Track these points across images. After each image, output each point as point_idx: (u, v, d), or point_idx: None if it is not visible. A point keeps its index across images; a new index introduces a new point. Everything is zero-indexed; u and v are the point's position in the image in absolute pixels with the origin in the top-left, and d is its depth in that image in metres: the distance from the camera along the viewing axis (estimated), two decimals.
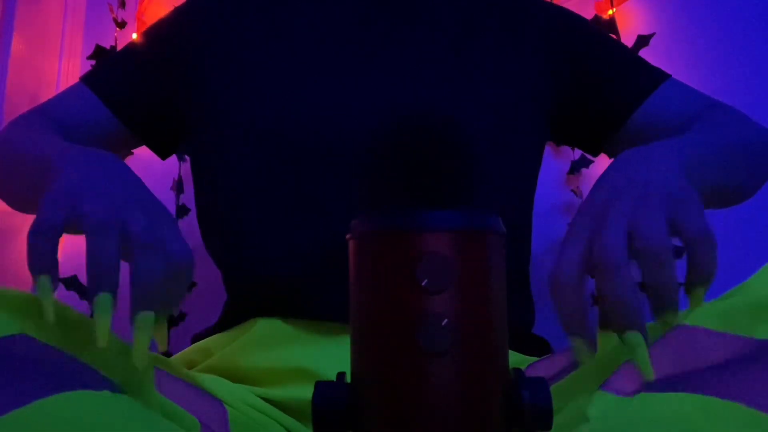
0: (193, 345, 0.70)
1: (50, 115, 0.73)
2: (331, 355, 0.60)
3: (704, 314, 0.44)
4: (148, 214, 0.45)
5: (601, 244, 0.42)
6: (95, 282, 0.41)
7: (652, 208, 0.44)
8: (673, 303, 0.42)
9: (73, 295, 1.13)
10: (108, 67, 0.77)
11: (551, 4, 0.81)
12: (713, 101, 0.75)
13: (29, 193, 0.62)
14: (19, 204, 0.70)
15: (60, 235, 0.42)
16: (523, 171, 0.75)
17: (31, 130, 0.67)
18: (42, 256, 0.41)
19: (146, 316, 0.42)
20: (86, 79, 0.76)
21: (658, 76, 0.75)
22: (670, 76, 0.76)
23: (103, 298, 0.41)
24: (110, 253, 0.41)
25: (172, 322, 1.17)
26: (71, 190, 0.44)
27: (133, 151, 1.26)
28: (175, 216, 1.24)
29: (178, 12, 0.78)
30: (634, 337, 0.41)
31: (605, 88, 0.75)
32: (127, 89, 0.74)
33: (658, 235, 0.42)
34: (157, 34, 0.77)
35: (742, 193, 0.70)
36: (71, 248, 1.24)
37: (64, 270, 1.23)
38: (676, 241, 0.47)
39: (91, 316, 0.43)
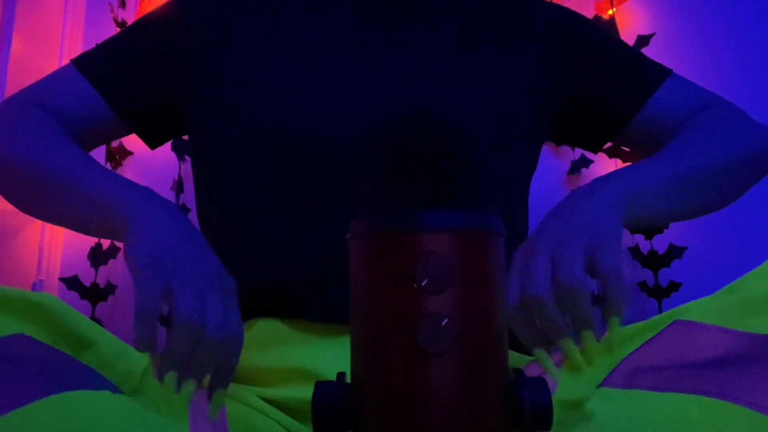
0: None
1: (43, 104, 0.71)
2: (330, 356, 0.60)
3: (700, 310, 0.45)
4: (222, 294, 0.50)
5: (528, 281, 0.49)
6: (172, 365, 0.46)
7: (570, 246, 0.50)
8: (588, 325, 0.48)
9: (74, 296, 1.13)
10: (103, 54, 0.75)
11: (552, 4, 0.81)
12: (713, 98, 0.75)
13: (53, 210, 0.65)
14: (28, 210, 0.70)
15: (159, 312, 0.48)
16: (522, 171, 0.75)
17: (42, 137, 0.66)
18: (148, 335, 0.46)
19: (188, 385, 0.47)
20: (78, 63, 0.73)
21: (660, 75, 0.75)
22: (672, 72, 0.75)
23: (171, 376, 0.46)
24: (187, 348, 0.47)
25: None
26: (160, 265, 0.49)
27: (132, 151, 1.26)
28: None
29: (175, 4, 0.76)
30: (540, 353, 0.49)
31: (607, 89, 0.75)
32: (122, 79, 0.73)
33: (572, 274, 0.48)
34: (155, 25, 0.75)
35: (713, 209, 0.71)
36: (71, 248, 1.24)
37: (65, 270, 1.23)
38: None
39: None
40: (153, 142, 0.77)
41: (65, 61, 1.37)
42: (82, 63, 0.73)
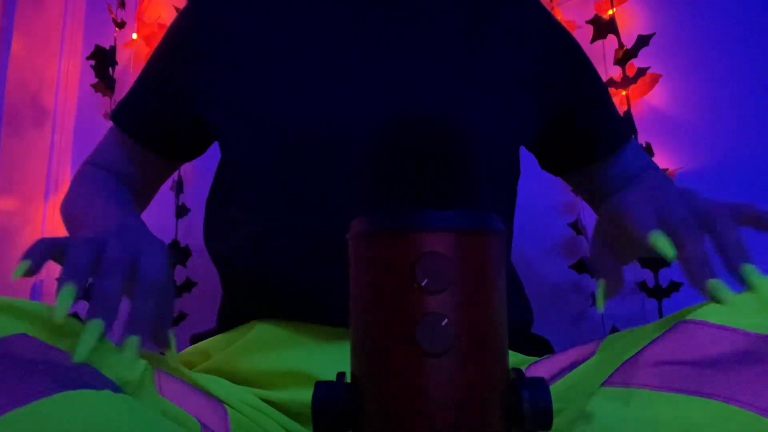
0: (191, 346, 0.70)
1: (99, 163, 0.80)
2: (330, 359, 0.60)
3: (709, 310, 0.46)
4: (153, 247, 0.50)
5: (673, 217, 0.49)
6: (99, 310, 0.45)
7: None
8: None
9: None
10: (130, 101, 0.79)
11: (552, 18, 0.81)
12: (652, 163, 0.83)
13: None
14: None
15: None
16: (517, 172, 0.76)
17: (86, 186, 0.76)
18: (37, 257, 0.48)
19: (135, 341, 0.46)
20: (114, 116, 0.80)
21: (630, 130, 0.83)
22: (634, 133, 0.82)
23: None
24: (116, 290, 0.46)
25: (173, 322, 1.17)
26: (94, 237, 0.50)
27: None
28: (175, 216, 1.24)
29: (181, 17, 0.77)
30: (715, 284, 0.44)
31: (595, 119, 0.79)
32: (152, 121, 0.77)
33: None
34: (166, 52, 0.77)
35: None
36: None
37: None
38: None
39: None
40: (194, 156, 0.83)
41: (65, 61, 1.38)
42: (116, 116, 0.80)
